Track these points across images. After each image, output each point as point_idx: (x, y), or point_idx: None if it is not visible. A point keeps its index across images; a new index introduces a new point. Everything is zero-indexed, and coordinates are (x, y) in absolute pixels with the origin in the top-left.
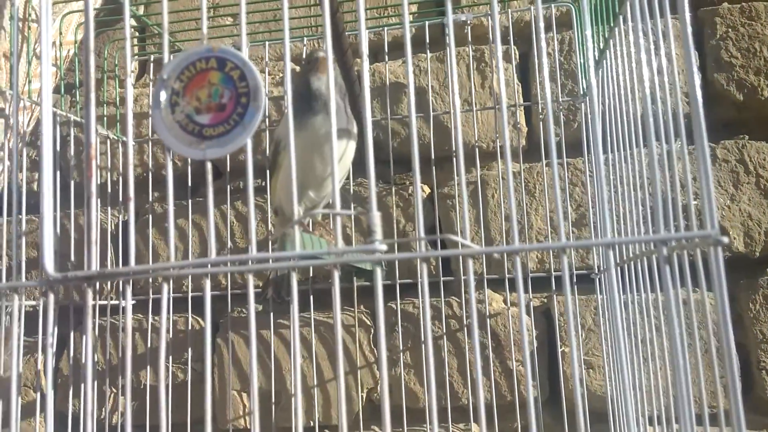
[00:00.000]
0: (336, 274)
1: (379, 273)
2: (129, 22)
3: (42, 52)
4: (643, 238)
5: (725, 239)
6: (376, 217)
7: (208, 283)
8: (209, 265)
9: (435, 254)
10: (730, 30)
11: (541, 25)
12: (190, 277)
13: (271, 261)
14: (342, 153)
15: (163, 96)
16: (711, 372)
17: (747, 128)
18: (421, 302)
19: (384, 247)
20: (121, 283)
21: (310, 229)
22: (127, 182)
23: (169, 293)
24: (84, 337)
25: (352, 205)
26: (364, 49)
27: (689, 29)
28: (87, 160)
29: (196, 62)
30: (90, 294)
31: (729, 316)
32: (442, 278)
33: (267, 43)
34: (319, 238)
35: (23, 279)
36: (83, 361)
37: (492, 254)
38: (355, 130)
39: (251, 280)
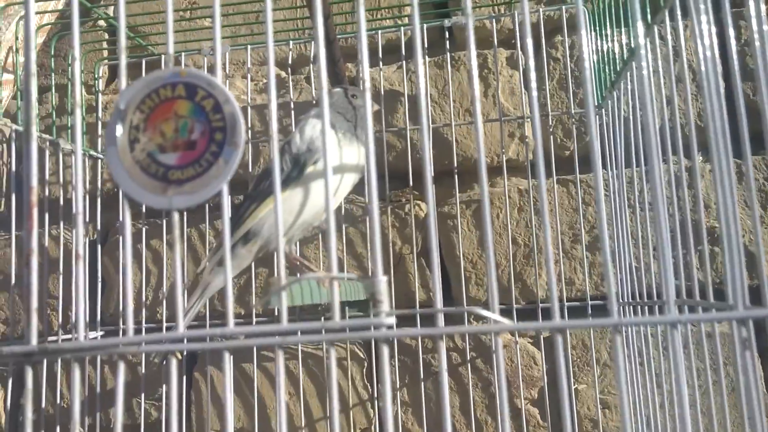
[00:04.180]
0: (332, 353)
1: (386, 352)
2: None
3: None
4: (654, 319)
5: (753, 313)
6: (382, 283)
7: (174, 363)
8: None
9: (454, 331)
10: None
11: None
12: (164, 304)
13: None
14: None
15: (120, 130)
16: (737, 412)
17: None
18: (441, 384)
19: (392, 321)
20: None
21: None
22: (78, 240)
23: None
24: (24, 413)
25: (348, 265)
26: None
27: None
28: (27, 209)
29: (160, 89)
30: (30, 373)
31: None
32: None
33: (249, 46)
34: (309, 283)
35: None
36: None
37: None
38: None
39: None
